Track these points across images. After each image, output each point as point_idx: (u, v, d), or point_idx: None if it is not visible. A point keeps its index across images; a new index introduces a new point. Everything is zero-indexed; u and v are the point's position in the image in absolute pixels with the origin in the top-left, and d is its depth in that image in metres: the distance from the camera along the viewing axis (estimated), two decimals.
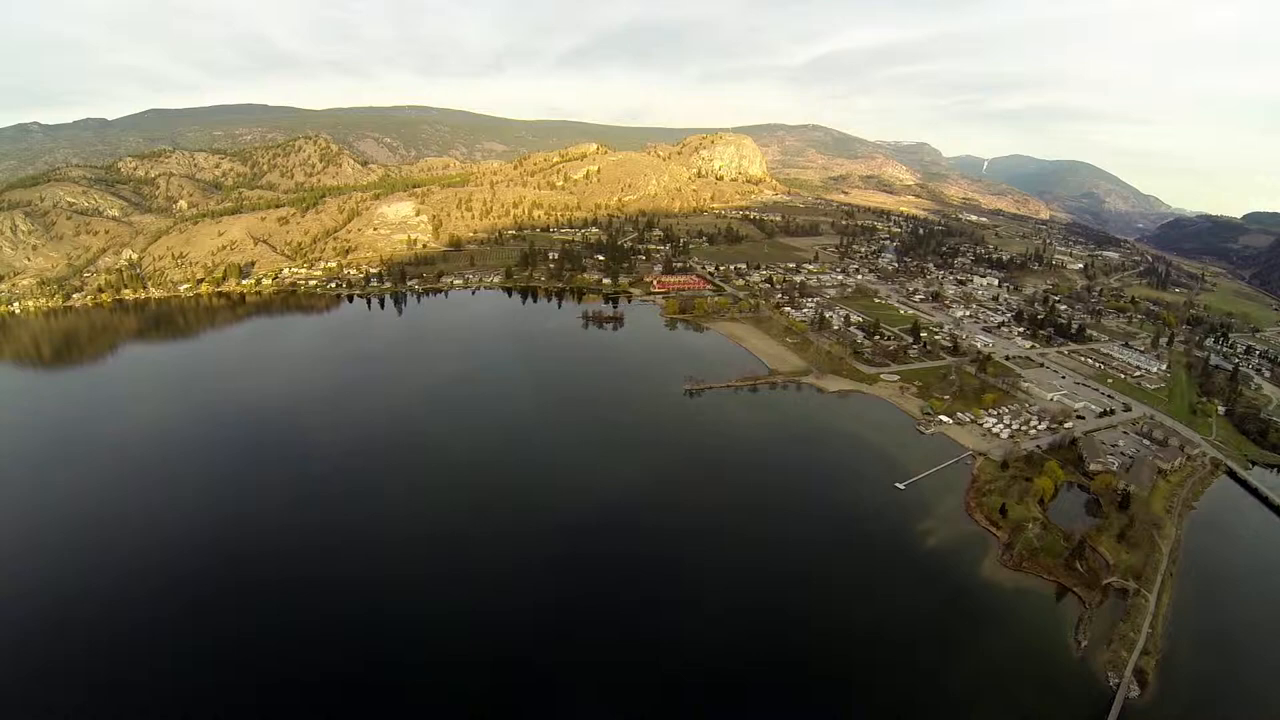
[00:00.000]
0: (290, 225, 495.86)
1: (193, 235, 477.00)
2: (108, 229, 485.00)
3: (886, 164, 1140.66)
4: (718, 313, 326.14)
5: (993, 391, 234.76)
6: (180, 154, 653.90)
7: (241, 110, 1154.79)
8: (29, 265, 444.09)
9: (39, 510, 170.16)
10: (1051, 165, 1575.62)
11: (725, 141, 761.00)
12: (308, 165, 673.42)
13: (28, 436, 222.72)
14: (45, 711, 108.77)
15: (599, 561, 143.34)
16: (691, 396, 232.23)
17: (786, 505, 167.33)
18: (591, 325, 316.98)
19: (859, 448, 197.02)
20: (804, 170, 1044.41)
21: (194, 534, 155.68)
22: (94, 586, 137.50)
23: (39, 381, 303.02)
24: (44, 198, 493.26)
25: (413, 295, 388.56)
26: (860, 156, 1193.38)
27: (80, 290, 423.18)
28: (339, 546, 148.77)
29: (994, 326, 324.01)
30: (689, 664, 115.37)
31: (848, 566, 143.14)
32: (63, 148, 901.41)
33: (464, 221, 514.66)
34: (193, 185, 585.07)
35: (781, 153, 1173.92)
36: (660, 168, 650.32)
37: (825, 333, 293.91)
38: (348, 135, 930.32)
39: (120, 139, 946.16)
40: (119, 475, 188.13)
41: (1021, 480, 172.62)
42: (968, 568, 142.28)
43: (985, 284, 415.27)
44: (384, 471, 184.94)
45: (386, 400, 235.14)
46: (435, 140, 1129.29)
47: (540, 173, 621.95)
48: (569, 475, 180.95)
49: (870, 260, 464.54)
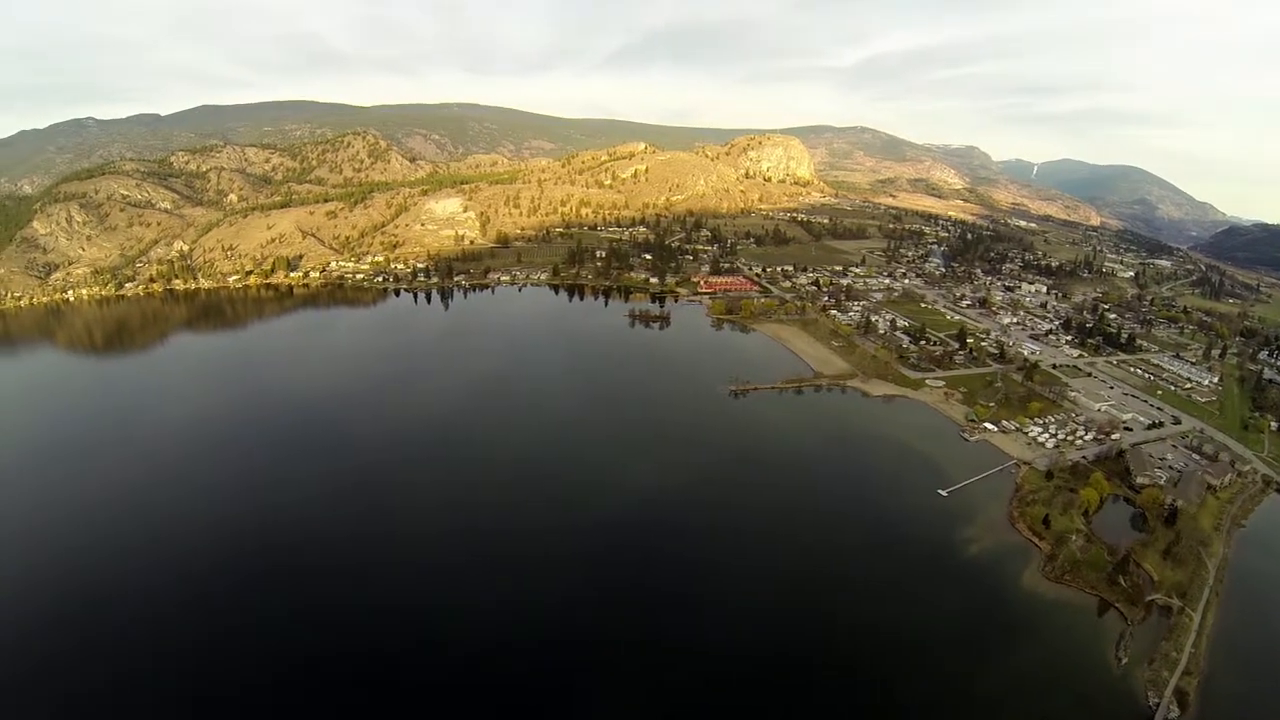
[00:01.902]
0: (338, 219, 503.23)
1: (242, 228, 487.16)
2: (160, 221, 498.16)
3: (935, 167, 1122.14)
4: (764, 314, 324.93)
5: (1039, 400, 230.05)
6: (231, 149, 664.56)
7: (291, 106, 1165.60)
8: (83, 255, 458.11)
9: (85, 494, 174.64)
10: (1103, 170, 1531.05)
11: (773, 143, 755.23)
12: (356, 161, 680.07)
13: (77, 422, 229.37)
14: (89, 682, 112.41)
15: (637, 558, 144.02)
16: (736, 397, 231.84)
17: (828, 508, 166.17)
18: (638, 324, 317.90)
19: (902, 453, 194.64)
20: (852, 173, 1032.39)
21: (235, 521, 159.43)
22: (134, 569, 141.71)
23: (90, 368, 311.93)
24: (99, 190, 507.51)
25: (459, 291, 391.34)
26: (908, 160, 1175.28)
27: (132, 280, 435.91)
28: (379, 537, 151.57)
29: (1042, 334, 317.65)
30: (720, 661, 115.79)
31: (887, 572, 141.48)
32: (117, 142, 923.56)
33: (511, 218, 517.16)
34: (243, 179, 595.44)
35: (829, 155, 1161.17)
36: (708, 168, 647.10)
37: (871, 337, 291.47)
38: (396, 132, 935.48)
39: (172, 134, 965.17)
40: (164, 462, 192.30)
41: (1066, 491, 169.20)
42: (1008, 578, 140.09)
43: (1033, 291, 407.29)
44: (425, 465, 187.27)
45: (431, 394, 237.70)
46: (483, 137, 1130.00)
47: (588, 171, 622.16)
48: (610, 473, 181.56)
49: (917, 265, 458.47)
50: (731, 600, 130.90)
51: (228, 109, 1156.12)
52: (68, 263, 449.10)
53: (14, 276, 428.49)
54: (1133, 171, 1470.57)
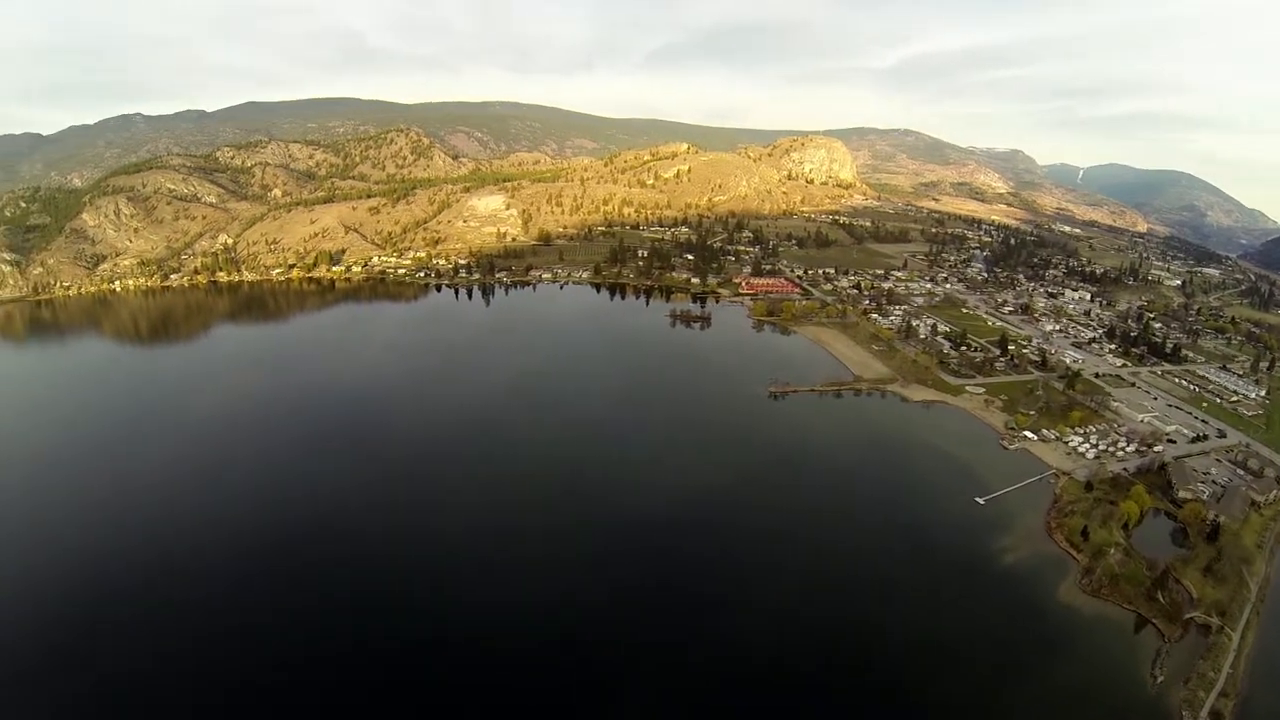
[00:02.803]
0: (381, 215, 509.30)
1: (286, 222, 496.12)
2: (205, 214, 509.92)
3: (979, 171, 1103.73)
4: (805, 316, 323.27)
5: (1080, 409, 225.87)
6: (275, 144, 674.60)
7: (335, 103, 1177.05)
8: (130, 247, 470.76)
9: (127, 480, 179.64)
10: (1150, 175, 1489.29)
11: (816, 144, 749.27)
12: (399, 157, 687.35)
13: (122, 409, 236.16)
14: (135, 659, 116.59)
15: (670, 559, 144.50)
16: (775, 399, 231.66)
17: (863, 513, 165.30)
18: (679, 324, 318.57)
19: (940, 459, 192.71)
20: (894, 175, 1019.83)
21: (272, 510, 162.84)
22: (171, 555, 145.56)
23: (135, 357, 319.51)
24: (146, 184, 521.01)
25: (501, 287, 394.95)
26: (952, 163, 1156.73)
27: (177, 271, 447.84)
28: (412, 531, 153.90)
29: (1084, 342, 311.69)
30: (747, 663, 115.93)
31: (920, 579, 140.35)
32: (164, 137, 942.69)
33: (554, 217, 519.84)
34: (287, 174, 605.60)
35: (872, 157, 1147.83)
36: (751, 169, 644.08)
37: (911, 341, 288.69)
38: (439, 129, 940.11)
39: (218, 130, 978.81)
40: (204, 451, 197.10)
41: (1106, 503, 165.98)
42: (1044, 590, 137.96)
43: (1077, 298, 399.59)
44: (463, 459, 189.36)
45: (471, 390, 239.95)
46: (526, 135, 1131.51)
47: (631, 170, 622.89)
48: (648, 472, 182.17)
49: (959, 269, 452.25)
50: (763, 603, 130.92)
51: (272, 106, 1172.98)
52: (115, 254, 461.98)
53: (63, 266, 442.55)
54: (1181, 176, 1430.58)
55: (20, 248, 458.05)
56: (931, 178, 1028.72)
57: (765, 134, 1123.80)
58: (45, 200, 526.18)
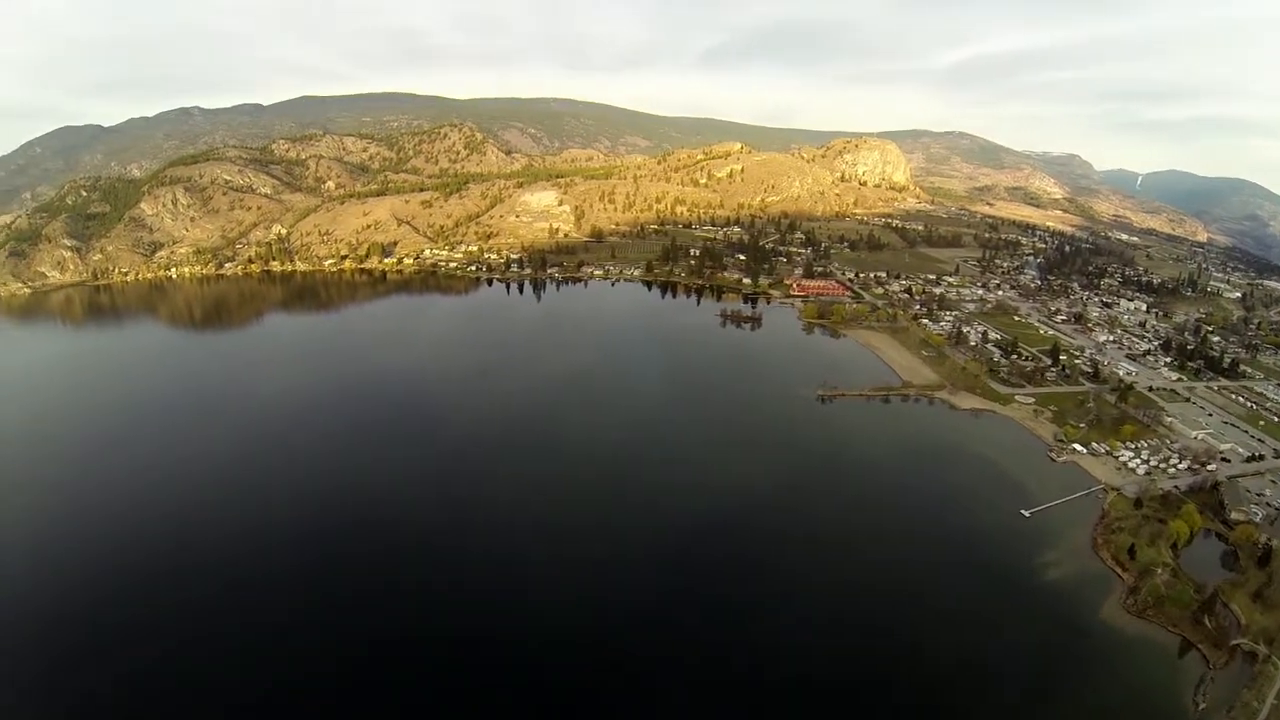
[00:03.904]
0: (433, 209, 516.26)
1: (339, 214, 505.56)
2: (259, 205, 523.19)
3: (1034, 175, 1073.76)
4: (855, 320, 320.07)
5: (1132, 423, 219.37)
6: (330, 138, 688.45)
7: (389, 98, 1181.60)
8: (186, 235, 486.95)
9: (174, 464, 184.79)
10: (1211, 183, 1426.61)
11: (869, 146, 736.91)
12: (452, 152, 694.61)
13: (172, 394, 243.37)
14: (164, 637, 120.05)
15: (710, 558, 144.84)
16: (824, 402, 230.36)
17: (907, 521, 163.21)
18: (729, 324, 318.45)
19: (987, 469, 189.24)
20: (948, 179, 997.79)
21: (316, 498, 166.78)
22: (214, 537, 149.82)
23: (188, 342, 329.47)
24: (203, 175, 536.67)
25: (552, 283, 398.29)
26: (1007, 167, 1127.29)
27: (232, 260, 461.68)
28: (456, 524, 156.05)
29: (1139, 354, 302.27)
30: (779, 672, 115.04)
31: (962, 591, 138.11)
32: (220, 130, 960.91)
33: (606, 213, 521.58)
34: (340, 167, 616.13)
35: (926, 160, 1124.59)
36: (804, 170, 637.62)
37: (961, 348, 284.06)
38: (492, 124, 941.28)
39: (273, 123, 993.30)
40: (252, 436, 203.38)
41: (1155, 521, 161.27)
42: (1087, 607, 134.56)
43: (1132, 308, 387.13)
44: (509, 454, 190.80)
45: (518, 384, 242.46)
46: (579, 132, 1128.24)
47: (684, 169, 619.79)
48: (693, 472, 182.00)
49: (1012, 276, 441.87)
50: (800, 610, 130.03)
51: (327, 100, 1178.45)
52: (172, 242, 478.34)
53: (122, 253, 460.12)
54: (1244, 185, 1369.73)
55: (81, 235, 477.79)
56: (986, 182, 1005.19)
57: (818, 135, 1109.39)
58: (105, 189, 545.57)
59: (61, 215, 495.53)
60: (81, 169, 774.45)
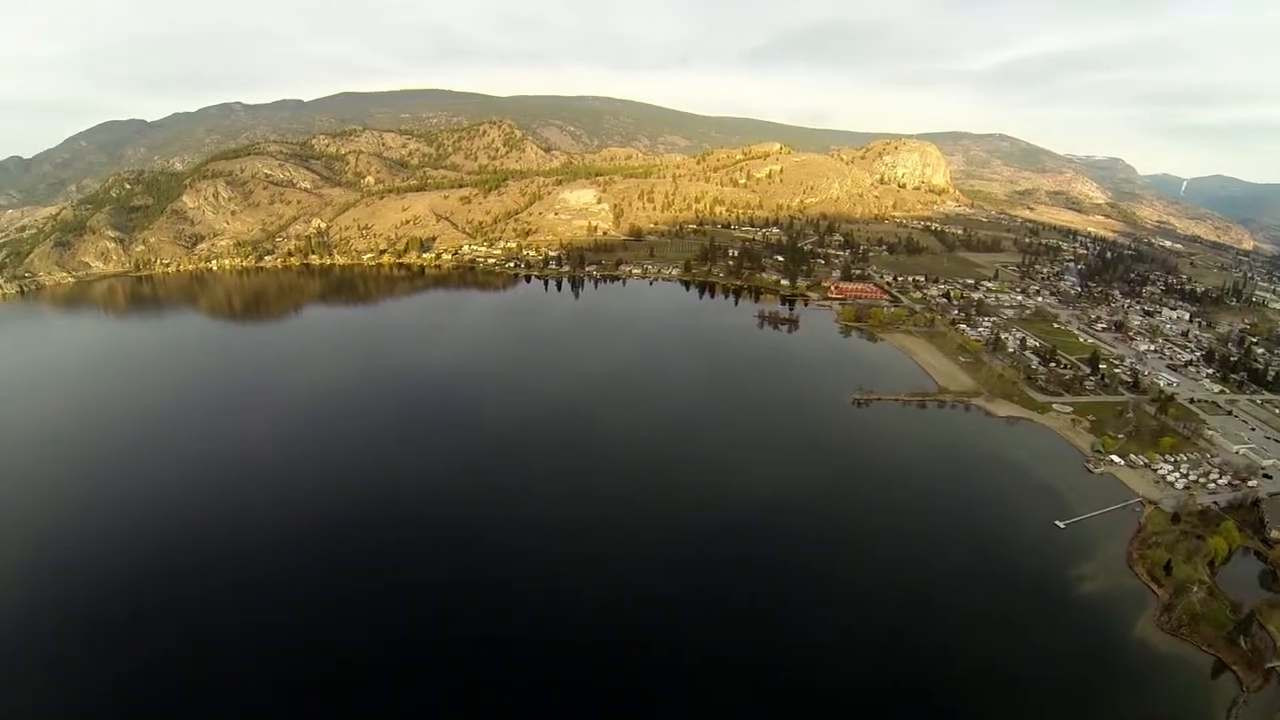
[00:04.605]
0: (472, 205, 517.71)
1: (378, 209, 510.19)
2: (299, 199, 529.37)
3: (1076, 180, 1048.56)
4: (892, 324, 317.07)
5: (1171, 435, 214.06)
6: (369, 134, 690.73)
7: (428, 95, 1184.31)
8: (227, 228, 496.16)
9: (208, 454, 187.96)
10: (1259, 189, 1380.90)
11: (909, 148, 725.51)
12: (491, 148, 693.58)
13: (209, 383, 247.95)
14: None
15: (741, 563, 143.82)
16: (859, 406, 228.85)
17: (940, 528, 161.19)
18: (767, 325, 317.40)
19: (1022, 478, 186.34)
20: (989, 182, 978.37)
21: (346, 490, 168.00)
22: (244, 527, 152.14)
23: (226, 332, 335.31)
24: (244, 169, 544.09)
25: (590, 281, 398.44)
26: (1048, 171, 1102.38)
27: (271, 253, 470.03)
28: (487, 519, 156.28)
29: (1180, 365, 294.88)
30: (804, 678, 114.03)
31: (992, 601, 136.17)
32: (261, 125, 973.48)
33: (645, 212, 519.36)
34: (380, 163, 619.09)
35: (966, 162, 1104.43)
36: (843, 171, 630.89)
37: (999, 354, 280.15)
38: (531, 122, 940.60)
39: (314, 119, 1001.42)
40: (289, 429, 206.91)
41: (1192, 537, 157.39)
42: (1119, 623, 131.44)
43: (1174, 317, 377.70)
44: (542, 451, 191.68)
45: (556, 381, 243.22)
46: (618, 131, 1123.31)
47: (723, 169, 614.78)
48: (726, 474, 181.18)
49: (1052, 282, 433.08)
50: (827, 616, 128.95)
51: (367, 96, 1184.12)
52: (213, 234, 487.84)
53: (164, 245, 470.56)
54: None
55: (124, 226, 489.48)
56: (1026, 185, 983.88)
57: (858, 136, 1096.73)
58: (148, 183, 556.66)
59: (105, 207, 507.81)
60: (125, 163, 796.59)
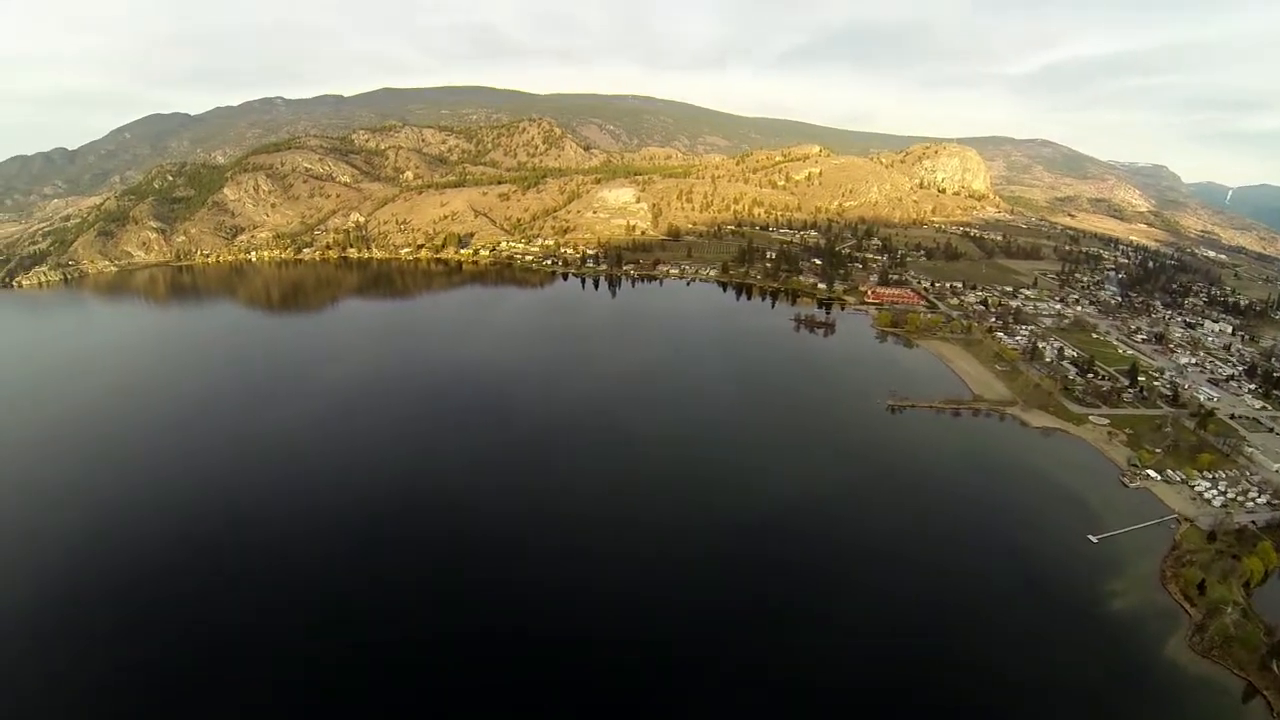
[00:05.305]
0: (510, 202, 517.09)
1: (416, 204, 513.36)
2: (339, 193, 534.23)
3: (1118, 187, 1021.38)
4: (929, 330, 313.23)
5: (1211, 452, 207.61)
6: (409, 129, 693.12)
7: (468, 92, 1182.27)
8: (267, 220, 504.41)
9: (241, 442, 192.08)
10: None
11: (949, 153, 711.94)
12: (530, 146, 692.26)
13: (245, 373, 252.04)
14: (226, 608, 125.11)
15: (765, 565, 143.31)
16: (893, 412, 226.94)
17: (970, 539, 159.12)
18: (803, 329, 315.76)
19: (1055, 491, 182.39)
20: (1029, 188, 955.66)
21: (378, 482, 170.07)
22: (275, 515, 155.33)
23: (264, 323, 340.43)
24: (284, 163, 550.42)
25: (627, 280, 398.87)
26: (1090, 177, 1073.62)
27: (310, 246, 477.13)
28: (514, 514, 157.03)
29: (1222, 379, 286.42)
30: (823, 684, 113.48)
31: (1020, 614, 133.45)
32: (302, 120, 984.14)
33: (683, 213, 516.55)
34: (419, 158, 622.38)
35: (1006, 168, 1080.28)
36: (882, 175, 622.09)
37: (1036, 364, 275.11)
38: (571, 120, 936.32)
39: (354, 114, 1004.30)
40: (323, 419, 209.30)
41: (1228, 557, 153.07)
42: (1149, 642, 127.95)
43: (1217, 330, 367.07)
44: (574, 448, 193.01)
45: (590, 379, 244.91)
46: (658, 130, 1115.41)
47: (762, 171, 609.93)
48: (757, 477, 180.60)
49: (1091, 291, 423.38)
50: (851, 623, 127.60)
51: (407, 92, 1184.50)
52: (252, 226, 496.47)
53: (204, 236, 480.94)
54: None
55: (166, 217, 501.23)
56: (1068, 192, 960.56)
57: (897, 139, 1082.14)
58: (191, 175, 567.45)
59: (148, 198, 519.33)
60: (168, 155, 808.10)
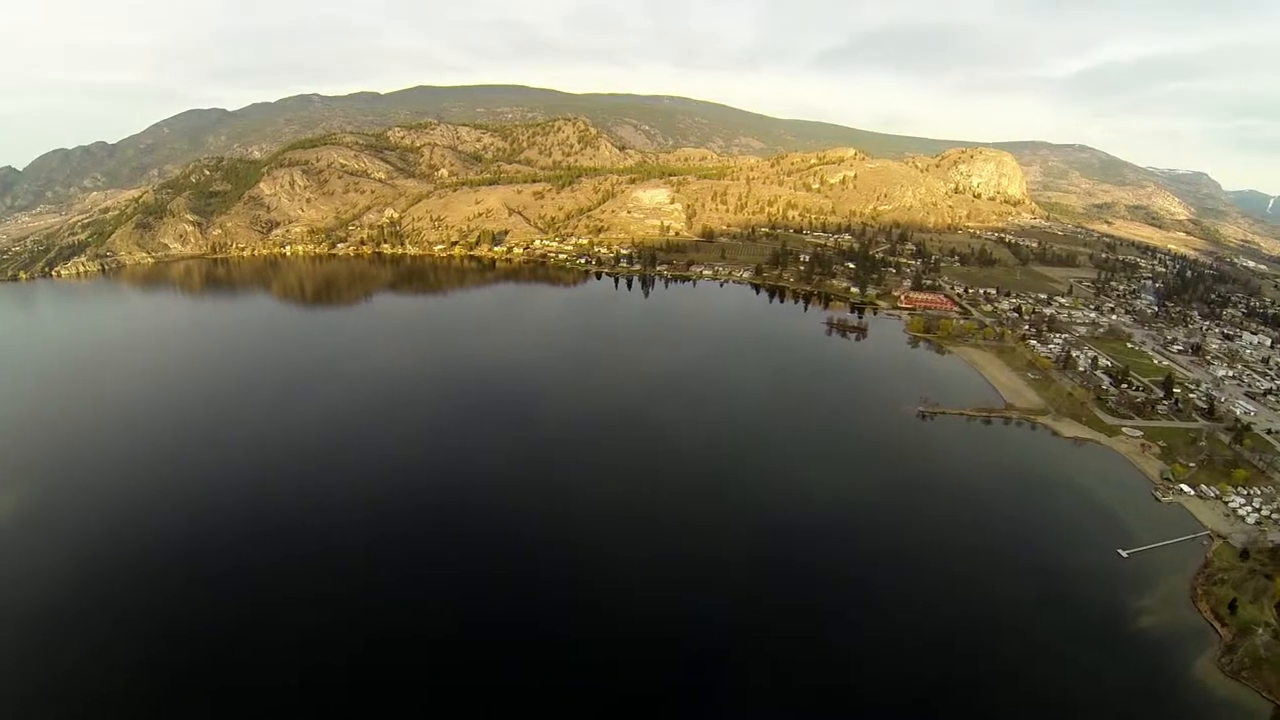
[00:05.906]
0: (545, 200, 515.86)
1: (451, 201, 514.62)
2: (373, 189, 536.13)
3: (1157, 194, 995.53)
4: (961, 336, 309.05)
5: (1246, 467, 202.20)
6: (444, 127, 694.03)
7: (503, 90, 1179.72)
8: (302, 215, 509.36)
9: (269, 434, 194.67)
10: None
11: (985, 158, 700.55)
12: (565, 145, 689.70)
13: (277, 365, 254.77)
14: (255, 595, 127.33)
15: (790, 569, 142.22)
16: (924, 419, 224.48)
17: (997, 549, 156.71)
18: (835, 333, 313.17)
19: (1086, 503, 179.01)
20: (1066, 194, 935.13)
21: (408, 475, 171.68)
22: (301, 505, 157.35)
23: (297, 316, 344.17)
24: (319, 159, 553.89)
25: (661, 280, 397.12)
26: (1129, 184, 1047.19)
27: (344, 241, 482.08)
28: (538, 511, 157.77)
29: (1260, 393, 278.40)
30: (842, 691, 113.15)
31: (1045, 627, 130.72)
32: (338, 116, 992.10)
33: (717, 214, 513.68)
34: (454, 156, 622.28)
35: (1043, 173, 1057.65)
36: (917, 179, 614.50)
37: (1069, 373, 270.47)
38: (606, 120, 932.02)
39: (389, 111, 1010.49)
40: (353, 412, 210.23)
41: (1261, 576, 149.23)
42: (1178, 662, 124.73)
43: (1256, 342, 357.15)
44: (602, 447, 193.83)
45: (621, 378, 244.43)
46: (693, 131, 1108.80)
47: (796, 173, 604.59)
48: (784, 479, 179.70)
49: (1127, 300, 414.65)
50: (874, 630, 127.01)
51: (443, 90, 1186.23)
52: (287, 221, 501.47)
53: (240, 230, 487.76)
54: None
55: (203, 211, 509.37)
56: (1105, 199, 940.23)
57: (932, 143, 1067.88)
58: (227, 170, 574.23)
59: (185, 192, 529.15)
60: (206, 150, 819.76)
